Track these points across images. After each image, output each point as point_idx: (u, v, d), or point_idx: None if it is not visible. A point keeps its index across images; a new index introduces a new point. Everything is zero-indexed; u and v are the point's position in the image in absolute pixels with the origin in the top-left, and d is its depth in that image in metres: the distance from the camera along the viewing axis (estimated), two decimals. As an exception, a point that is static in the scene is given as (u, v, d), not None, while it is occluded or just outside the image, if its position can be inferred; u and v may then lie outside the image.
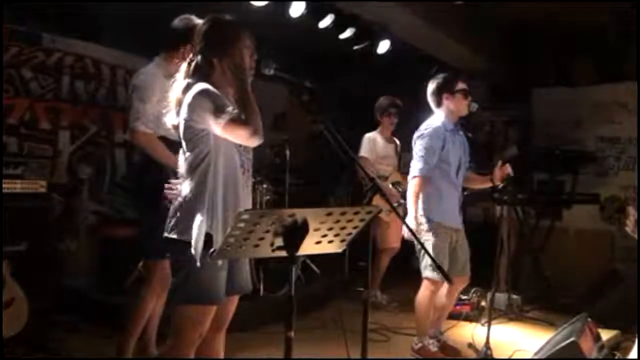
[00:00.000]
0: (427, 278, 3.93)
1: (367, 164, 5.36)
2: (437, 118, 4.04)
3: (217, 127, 2.30)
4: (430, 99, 4.09)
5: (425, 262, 3.89)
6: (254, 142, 2.38)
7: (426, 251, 3.29)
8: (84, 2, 5.02)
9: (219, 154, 2.37)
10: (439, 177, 3.95)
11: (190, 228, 2.30)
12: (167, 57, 3.27)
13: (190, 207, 2.34)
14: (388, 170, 5.58)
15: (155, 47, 3.35)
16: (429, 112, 4.14)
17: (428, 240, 3.82)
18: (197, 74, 2.41)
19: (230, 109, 2.31)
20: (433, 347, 4.06)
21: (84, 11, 5.06)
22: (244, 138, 2.35)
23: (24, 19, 4.81)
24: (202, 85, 2.34)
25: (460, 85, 4.02)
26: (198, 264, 2.26)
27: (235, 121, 2.29)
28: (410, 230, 3.05)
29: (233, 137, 2.36)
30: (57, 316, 4.15)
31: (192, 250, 2.26)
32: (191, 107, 2.31)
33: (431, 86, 4.09)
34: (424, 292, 3.97)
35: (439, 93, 4.04)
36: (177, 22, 3.25)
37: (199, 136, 2.34)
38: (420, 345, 4.06)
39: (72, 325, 4.18)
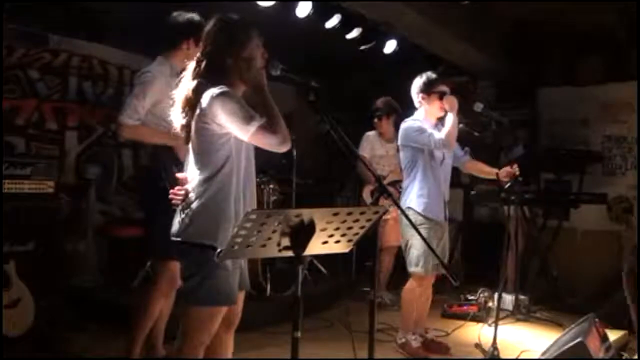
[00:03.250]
0: (413, 273, 3.95)
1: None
2: (419, 114, 4.09)
3: (244, 134, 2.22)
4: (412, 96, 4.12)
5: (410, 258, 3.91)
6: (283, 149, 2.29)
7: (429, 246, 3.07)
8: (87, 2, 5.03)
9: (241, 156, 2.33)
10: (423, 171, 3.96)
11: (212, 231, 2.25)
12: (170, 55, 3.29)
13: (212, 210, 2.27)
14: (385, 170, 5.55)
15: (161, 46, 3.36)
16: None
17: (414, 234, 3.72)
18: (209, 75, 2.31)
19: (257, 115, 2.22)
20: (415, 342, 4.08)
21: (88, 12, 5.07)
22: (273, 145, 2.26)
23: (27, 19, 4.81)
24: (222, 88, 2.24)
25: (440, 87, 4.00)
26: (230, 267, 2.25)
27: (264, 128, 2.21)
28: (413, 225, 2.94)
29: (261, 145, 2.28)
30: (64, 316, 4.16)
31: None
32: (213, 111, 2.22)
33: (413, 84, 4.10)
34: (410, 287, 4.02)
35: (416, 92, 4.07)
36: (175, 17, 3.26)
37: (219, 141, 2.27)
38: (403, 340, 4.07)
39: (79, 325, 4.18)
